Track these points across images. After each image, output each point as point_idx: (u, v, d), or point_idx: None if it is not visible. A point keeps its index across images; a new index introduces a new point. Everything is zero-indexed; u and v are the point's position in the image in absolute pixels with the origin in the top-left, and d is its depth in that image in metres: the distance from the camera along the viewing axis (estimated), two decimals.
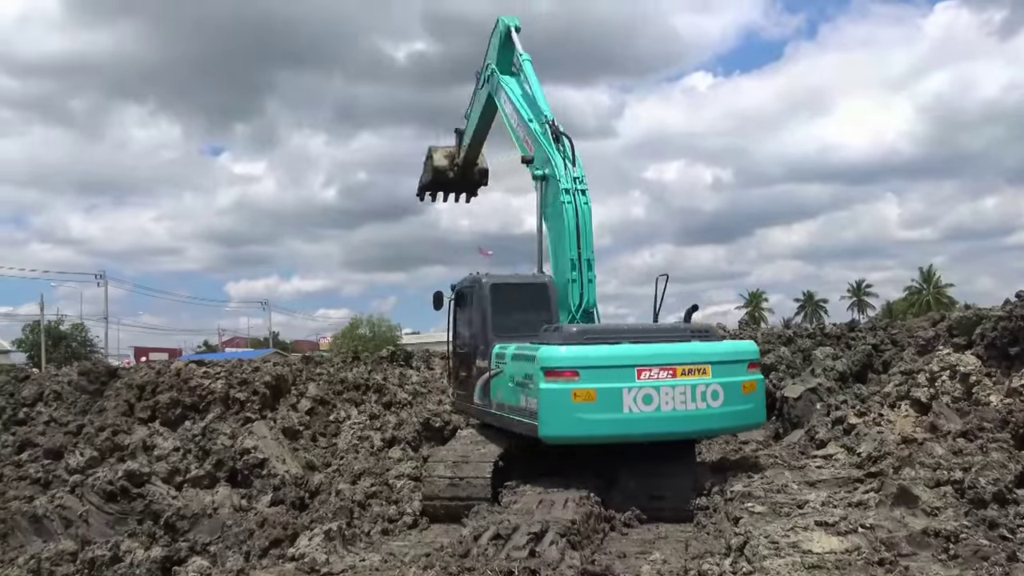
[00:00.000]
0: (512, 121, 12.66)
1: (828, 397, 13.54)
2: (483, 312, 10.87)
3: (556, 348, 9.31)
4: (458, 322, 12.03)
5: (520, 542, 6.93)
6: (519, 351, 9.86)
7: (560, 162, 11.26)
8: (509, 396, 9.86)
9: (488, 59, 13.72)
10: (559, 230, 11.12)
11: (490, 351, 10.58)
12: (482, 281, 11.06)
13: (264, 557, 8.02)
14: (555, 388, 9.04)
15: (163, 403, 12.16)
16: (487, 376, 10.63)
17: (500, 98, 13.10)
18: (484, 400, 10.76)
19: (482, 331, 10.90)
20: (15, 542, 9.20)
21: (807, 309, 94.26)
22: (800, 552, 6.11)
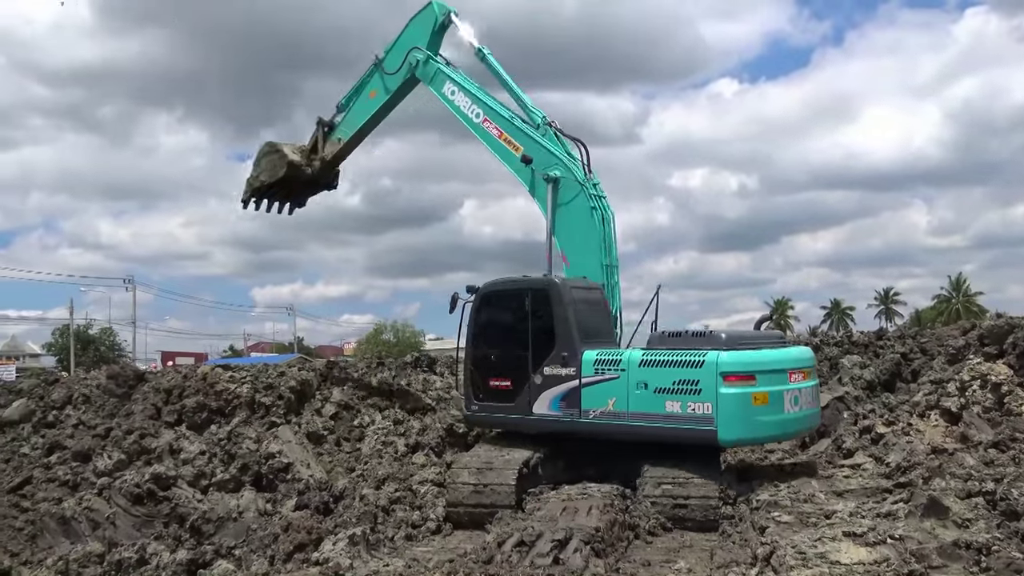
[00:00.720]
0: (475, 117, 12.04)
1: (856, 406, 13.36)
2: (564, 317, 10.35)
3: (734, 353, 9.50)
4: (494, 328, 11.17)
5: (544, 549, 6.91)
6: (658, 357, 9.75)
7: (573, 163, 11.24)
8: (641, 404, 9.66)
9: (411, 43, 12.77)
10: (581, 235, 11.09)
11: (577, 358, 10.14)
12: (558, 284, 10.63)
13: (288, 561, 8.05)
14: (736, 392, 9.30)
15: (189, 407, 12.24)
16: (572, 385, 10.13)
17: (446, 90, 12.36)
18: (568, 410, 10.15)
19: (564, 337, 10.32)
20: (44, 543, 9.31)
21: (834, 317, 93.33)
22: (828, 563, 6.05)
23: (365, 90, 13.33)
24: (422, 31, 12.77)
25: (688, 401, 9.41)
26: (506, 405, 10.72)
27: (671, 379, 9.57)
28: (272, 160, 14.14)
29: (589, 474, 10.30)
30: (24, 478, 10.88)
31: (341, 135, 13.69)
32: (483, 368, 11.08)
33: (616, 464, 10.34)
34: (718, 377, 9.29)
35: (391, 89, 13.05)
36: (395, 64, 12.90)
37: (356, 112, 13.49)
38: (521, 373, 10.57)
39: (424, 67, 12.62)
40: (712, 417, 9.26)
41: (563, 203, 11.23)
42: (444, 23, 12.77)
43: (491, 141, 11.97)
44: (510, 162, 11.78)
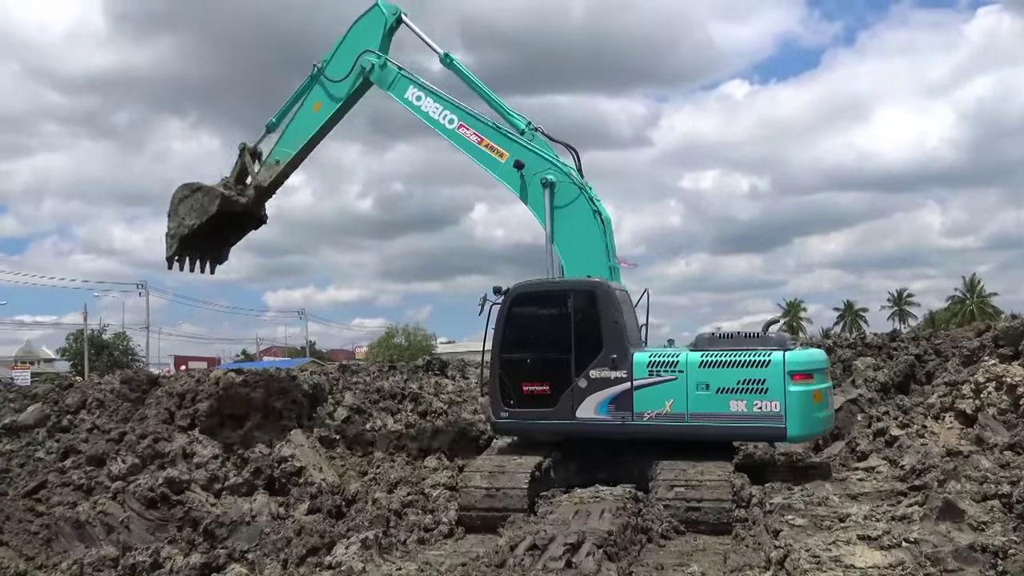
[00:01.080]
0: (448, 123, 11.49)
1: (869, 408, 13.30)
2: (614, 319, 10.26)
3: (797, 353, 10.05)
4: (528, 330, 10.83)
5: (556, 553, 6.88)
6: (716, 358, 9.88)
7: (568, 167, 11.13)
8: (703, 405, 9.78)
9: (358, 46, 11.97)
10: (584, 239, 10.98)
11: (628, 360, 10.06)
12: (606, 286, 10.53)
13: (301, 565, 8.06)
14: (802, 391, 9.72)
15: (202, 411, 12.29)
16: (623, 388, 10.03)
17: (409, 95, 11.70)
18: (617, 414, 10.05)
19: (613, 339, 10.20)
20: (59, 547, 9.36)
21: (846, 319, 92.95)
22: (842, 566, 6.01)
23: (306, 103, 12.30)
24: (371, 33, 11.98)
25: (755, 400, 9.66)
26: (544, 411, 10.37)
27: (735, 379, 9.75)
28: (197, 200, 12.41)
29: (601, 478, 10.28)
30: (39, 482, 10.94)
31: (280, 156, 12.41)
32: (515, 373, 10.59)
33: (628, 467, 10.33)
34: (786, 376, 9.62)
35: (339, 97, 12.09)
36: (341, 70, 12.01)
37: (298, 128, 12.35)
38: (562, 377, 10.30)
39: (381, 71, 11.85)
40: (781, 415, 9.59)
41: (562, 207, 10.99)
42: (394, 25, 12.09)
43: (470, 148, 11.45)
44: (495, 169, 11.34)
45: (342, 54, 12.08)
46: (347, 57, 12.00)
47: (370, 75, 11.86)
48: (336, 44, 12.17)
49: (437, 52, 12.07)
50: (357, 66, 11.87)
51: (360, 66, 11.88)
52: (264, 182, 12.46)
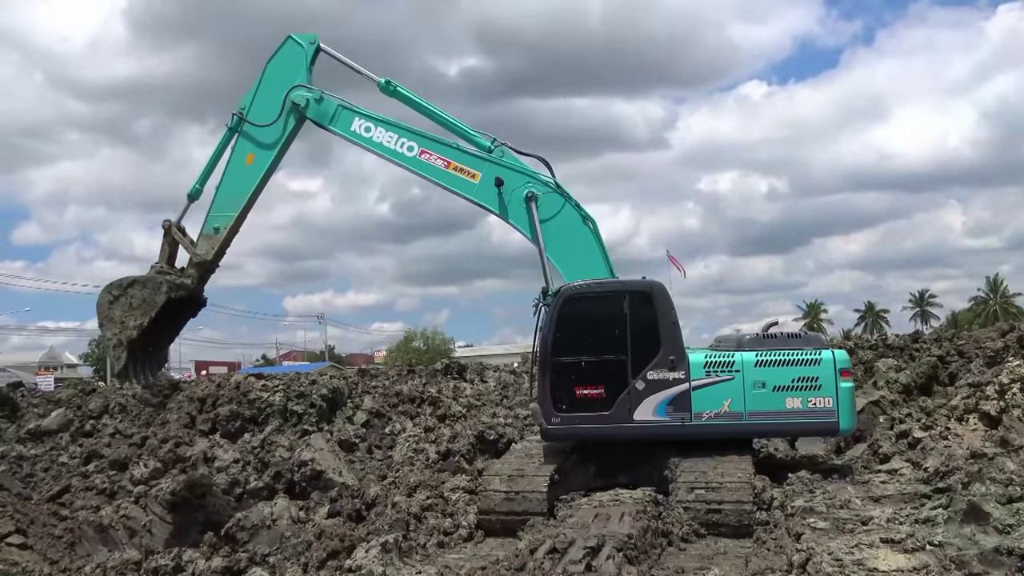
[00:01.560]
0: (407, 151, 10.73)
1: (892, 410, 13.20)
2: (671, 320, 10.25)
3: (841, 351, 10.70)
4: (581, 332, 10.53)
5: (576, 556, 6.87)
6: (771, 357, 10.16)
7: (546, 177, 10.88)
8: (761, 403, 10.03)
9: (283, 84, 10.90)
10: (579, 247, 10.81)
11: (685, 361, 10.08)
12: (662, 287, 10.55)
13: (322, 568, 8.08)
14: (849, 386, 10.42)
15: (223, 415, 12.38)
16: (681, 388, 10.02)
17: (356, 127, 10.85)
18: (676, 415, 10.02)
19: (671, 340, 10.18)
20: (82, 551, 9.45)
21: (868, 320, 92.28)
22: (865, 570, 5.96)
23: (235, 158, 10.98)
24: (292, 68, 10.93)
25: (809, 397, 10.05)
26: (599, 414, 10.13)
27: (790, 377, 10.07)
28: (135, 296, 10.61)
29: (620, 481, 10.25)
30: (63, 487, 11.07)
31: (219, 223, 10.95)
32: (567, 376, 10.29)
33: (648, 470, 10.29)
34: (837, 373, 10.13)
35: (273, 143, 10.90)
36: (268, 113, 10.82)
37: (233, 187, 10.99)
38: (618, 379, 10.15)
39: (318, 106, 10.82)
40: (834, 410, 10.05)
41: (549, 219, 10.69)
42: (314, 55, 11.07)
43: (437, 173, 10.76)
44: (469, 191, 10.80)
45: (265, 96, 10.88)
46: (272, 98, 10.84)
47: (306, 112, 10.81)
48: (255, 86, 10.95)
49: (375, 80, 11.14)
50: (287, 104, 10.77)
51: (292, 103, 10.78)
52: (207, 256, 10.86)
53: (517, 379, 18.99)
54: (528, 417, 14.85)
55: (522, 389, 18.01)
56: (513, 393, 17.74)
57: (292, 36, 11.00)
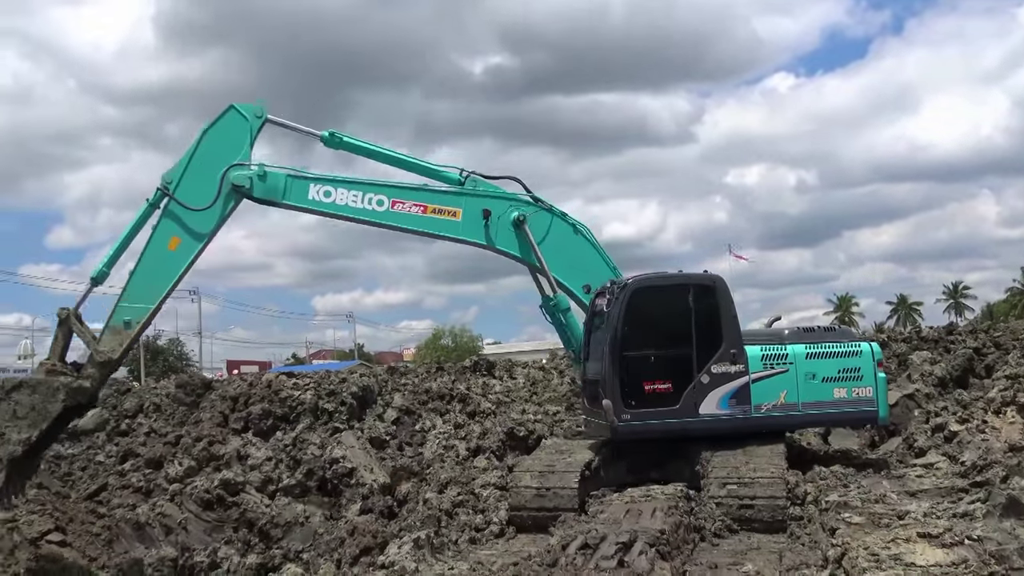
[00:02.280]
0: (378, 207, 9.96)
1: (927, 403, 13.01)
2: (732, 313, 10.38)
3: (875, 343, 11.30)
4: (649, 327, 10.60)
5: (608, 552, 6.84)
6: (820, 349, 10.54)
7: (524, 196, 10.72)
8: (812, 394, 10.41)
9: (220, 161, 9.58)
10: (576, 257, 10.78)
11: (744, 354, 10.18)
12: (723, 280, 10.60)
13: (355, 565, 8.15)
14: (884, 377, 11.03)
15: (255, 414, 12.48)
16: (742, 381, 10.13)
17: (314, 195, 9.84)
18: (738, 407, 10.13)
19: (732, 333, 10.29)
20: (120, 548, 9.59)
21: (900, 312, 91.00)
22: (903, 565, 5.87)
23: (156, 240, 9.42)
24: (234, 143, 9.60)
25: (853, 387, 10.49)
26: (667, 409, 10.12)
27: (836, 368, 10.50)
28: (22, 403, 8.63)
29: (652, 476, 10.21)
30: (100, 485, 11.23)
31: (131, 316, 9.23)
32: (636, 371, 10.25)
33: (679, 466, 10.24)
34: (875, 364, 10.67)
35: (206, 231, 9.50)
36: (200, 193, 9.39)
37: (152, 275, 9.36)
38: (684, 373, 10.18)
39: (264, 183, 9.60)
40: (874, 399, 10.60)
41: (543, 237, 10.53)
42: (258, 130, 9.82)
43: (417, 221, 10.16)
44: (454, 231, 10.38)
45: (198, 171, 9.46)
46: (206, 175, 9.45)
47: (251, 193, 9.57)
48: (186, 158, 9.53)
49: (317, 135, 10.31)
50: (226, 186, 9.43)
51: (230, 185, 9.46)
52: (113, 354, 9.14)
53: (546, 375, 18.96)
54: (558, 413, 14.84)
55: (551, 385, 17.99)
56: (542, 389, 17.71)
57: (235, 106, 9.63)
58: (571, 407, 14.94)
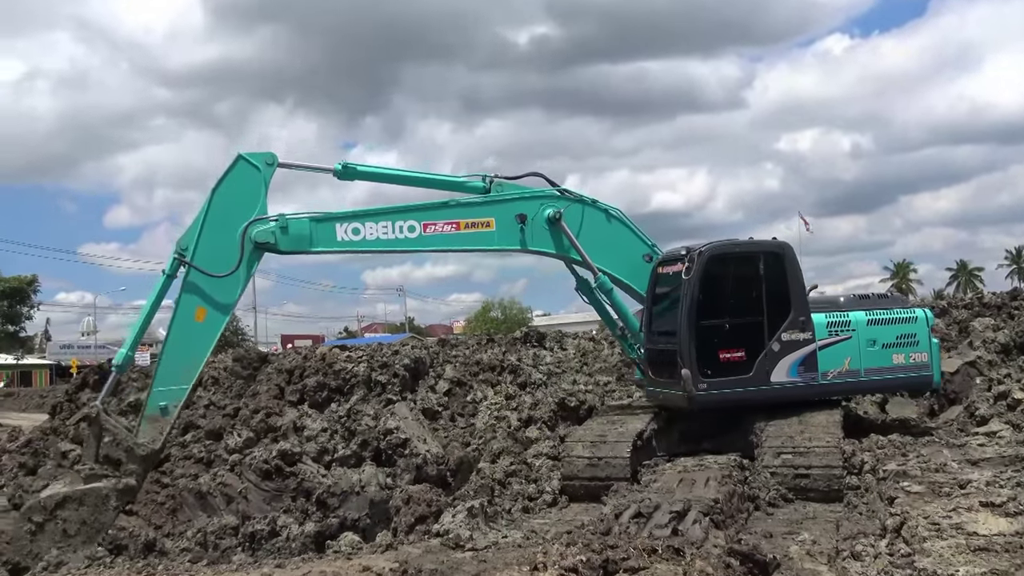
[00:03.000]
0: (410, 234, 9.42)
1: (989, 371, 12.68)
2: (797, 280, 10.39)
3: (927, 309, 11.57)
4: (724, 295, 10.59)
5: (662, 520, 6.84)
6: (879, 316, 10.70)
7: (550, 189, 10.44)
8: (873, 360, 10.56)
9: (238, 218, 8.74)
10: (613, 242, 10.61)
11: (811, 321, 10.22)
12: (791, 248, 10.63)
13: (411, 532, 8.26)
14: (937, 343, 11.35)
15: (310, 386, 12.68)
16: (810, 349, 10.17)
17: (342, 235, 9.22)
18: (806, 375, 10.17)
19: (800, 301, 10.30)
20: (183, 516, 9.88)
21: (960, 279, 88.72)
22: (964, 534, 5.77)
23: (181, 317, 8.55)
24: (249, 197, 8.81)
25: (910, 352, 10.72)
26: (742, 378, 10.10)
27: (894, 335, 10.67)
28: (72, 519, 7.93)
29: (704, 447, 10.16)
30: (163, 456, 11.56)
31: (167, 400, 8.47)
32: (711, 340, 10.17)
33: (732, 436, 10.16)
34: (929, 329, 10.92)
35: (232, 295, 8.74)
36: (221, 256, 8.57)
37: (182, 355, 8.58)
38: (756, 341, 10.16)
39: (288, 236, 8.87)
40: (929, 364, 10.84)
41: (579, 230, 10.31)
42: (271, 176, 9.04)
43: (452, 240, 9.76)
44: (489, 242, 10.09)
45: (214, 233, 8.63)
46: (223, 235, 8.64)
47: (277, 247, 8.88)
48: (200, 220, 8.64)
49: (330, 169, 9.79)
50: (248, 245, 8.66)
51: (252, 243, 8.69)
52: (155, 444, 8.46)
53: (596, 346, 18.91)
54: (609, 383, 14.81)
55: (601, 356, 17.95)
56: (592, 360, 17.68)
57: (243, 156, 8.83)
58: (621, 378, 14.90)
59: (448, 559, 7.07)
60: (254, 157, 8.86)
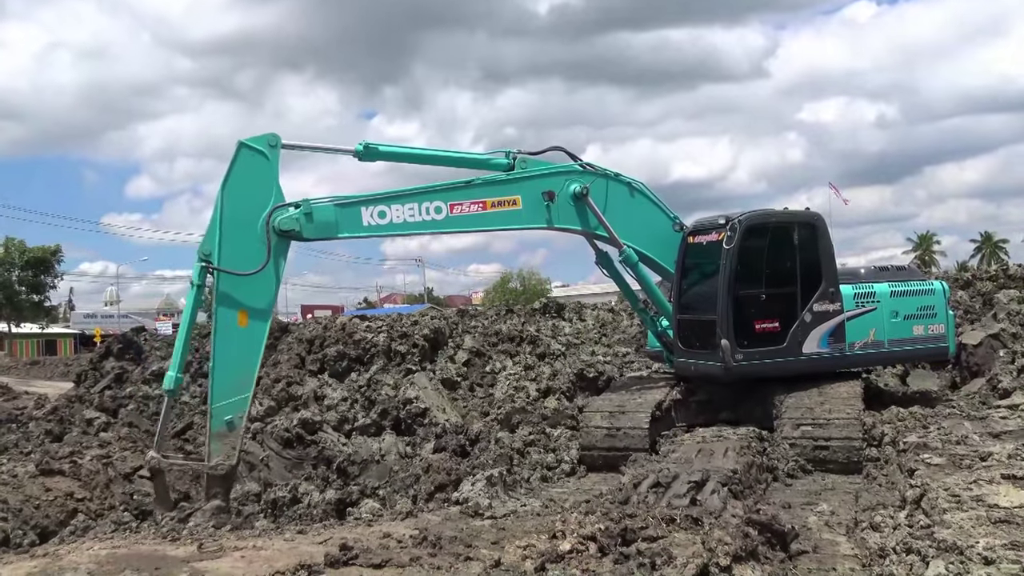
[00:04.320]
0: (437, 215, 9.16)
1: (1013, 343, 12.56)
2: (829, 251, 10.44)
3: (943, 282, 11.80)
4: (760, 265, 10.43)
5: (680, 490, 6.86)
6: (901, 288, 10.90)
7: (573, 164, 10.30)
8: (895, 331, 10.75)
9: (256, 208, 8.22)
10: (637, 216, 10.47)
11: (839, 292, 10.29)
12: (822, 220, 10.63)
13: (430, 500, 8.34)
14: (953, 314, 11.57)
15: (331, 356, 12.79)
16: (839, 320, 10.24)
17: (368, 220, 8.87)
18: (836, 345, 10.23)
19: (830, 272, 10.32)
20: None
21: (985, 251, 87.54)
22: (985, 506, 5.73)
23: (223, 325, 8.17)
24: (262, 185, 8.30)
25: (929, 324, 10.94)
26: (775, 349, 10.09)
27: (915, 306, 10.88)
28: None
29: (723, 417, 10.16)
30: (186, 424, 11.73)
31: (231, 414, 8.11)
32: (747, 310, 10.16)
33: (750, 407, 10.16)
34: (946, 301, 11.18)
35: (269, 291, 8.34)
36: (247, 253, 8.11)
37: (233, 364, 8.18)
38: (790, 312, 10.17)
39: (313, 222, 8.44)
40: (946, 335, 11.09)
41: (605, 205, 10.16)
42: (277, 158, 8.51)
43: (479, 220, 9.55)
44: (516, 220, 9.89)
45: (235, 233, 8.14)
46: (245, 233, 8.19)
47: (302, 234, 8.42)
48: (215, 221, 8.16)
49: (349, 151, 9.49)
50: (273, 237, 8.20)
51: (277, 232, 8.24)
52: (230, 460, 8.11)
53: (615, 317, 18.91)
54: (627, 355, 14.82)
55: (620, 327, 17.95)
56: (611, 331, 17.70)
57: (244, 143, 8.24)
58: (640, 348, 14.90)
59: (467, 527, 7.14)
60: (256, 142, 8.27)
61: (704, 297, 10.39)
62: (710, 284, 10.22)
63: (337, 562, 5.56)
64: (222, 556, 6.30)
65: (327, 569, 5.48)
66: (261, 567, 5.85)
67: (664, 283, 11.15)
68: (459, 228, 9.63)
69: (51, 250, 59.49)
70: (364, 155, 9.50)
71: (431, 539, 6.21)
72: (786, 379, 9.97)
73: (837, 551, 6.03)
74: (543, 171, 10.00)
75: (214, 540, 6.75)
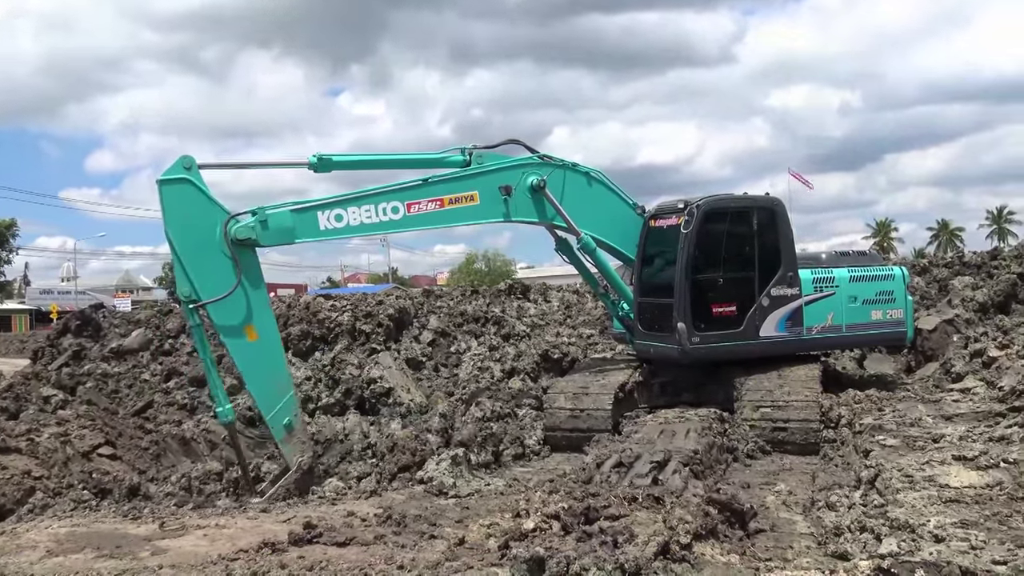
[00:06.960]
0: (394, 215, 9.13)
1: (966, 329, 12.87)
2: (788, 236, 10.50)
3: (903, 267, 11.95)
4: (718, 250, 10.41)
5: (643, 470, 6.97)
6: (860, 273, 11.06)
7: (529, 156, 10.28)
8: (853, 316, 10.92)
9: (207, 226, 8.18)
10: (597, 205, 10.54)
11: (798, 277, 10.40)
12: (781, 205, 10.69)
13: (394, 480, 8.36)
14: (911, 300, 11.75)
15: (294, 335, 12.71)
16: (797, 304, 10.37)
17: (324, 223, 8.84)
18: (793, 329, 10.35)
19: (789, 256, 10.42)
20: (167, 462, 9.94)
21: (941, 238, 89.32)
22: (937, 486, 5.91)
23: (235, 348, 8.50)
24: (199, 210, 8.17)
25: (887, 309, 11.17)
26: (732, 332, 10.18)
27: (874, 291, 11.10)
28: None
29: (685, 399, 10.31)
30: (146, 402, 11.60)
31: (286, 417, 8.49)
32: (705, 294, 10.25)
33: (712, 389, 10.31)
34: (905, 287, 11.38)
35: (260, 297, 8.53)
36: (222, 278, 8.19)
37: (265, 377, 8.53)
38: (747, 296, 10.27)
39: (267, 229, 8.41)
40: (904, 320, 11.34)
41: (562, 196, 10.19)
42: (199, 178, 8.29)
43: (437, 218, 9.52)
44: (475, 215, 9.86)
45: (199, 263, 8.20)
46: (208, 259, 8.20)
47: (259, 242, 8.39)
48: (179, 265, 8.23)
49: (304, 164, 9.35)
50: (236, 249, 8.23)
51: (235, 241, 8.20)
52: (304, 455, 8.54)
53: (580, 299, 19.02)
54: (592, 336, 14.92)
55: (585, 309, 18.06)
56: (576, 313, 17.80)
57: (161, 180, 8.09)
58: (604, 330, 15.01)
59: (432, 505, 7.19)
60: (171, 173, 8.12)
61: (663, 280, 10.47)
62: (669, 268, 10.29)
63: (301, 540, 5.57)
64: (184, 534, 6.29)
65: (291, 547, 5.49)
66: (224, 545, 5.84)
67: (624, 268, 11.23)
68: (417, 226, 9.56)
69: (6, 224, 58.23)
70: (319, 167, 9.37)
71: (395, 517, 6.25)
72: (746, 362, 10.11)
73: (794, 529, 6.17)
74: (500, 165, 9.96)
75: (176, 518, 6.72)
